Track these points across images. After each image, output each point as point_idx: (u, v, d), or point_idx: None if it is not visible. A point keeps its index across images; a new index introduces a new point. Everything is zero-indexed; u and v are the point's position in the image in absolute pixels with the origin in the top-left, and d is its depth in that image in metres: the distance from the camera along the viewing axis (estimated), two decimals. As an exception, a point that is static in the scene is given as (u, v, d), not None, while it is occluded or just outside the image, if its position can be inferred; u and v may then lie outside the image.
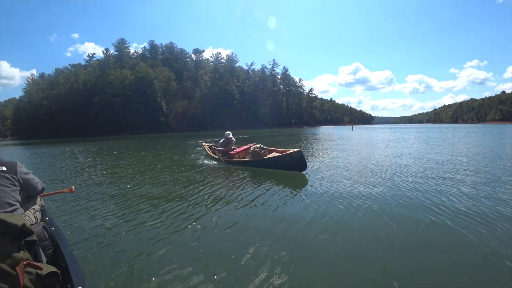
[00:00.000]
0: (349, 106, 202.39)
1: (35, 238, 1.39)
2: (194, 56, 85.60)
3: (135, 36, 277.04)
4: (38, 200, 2.25)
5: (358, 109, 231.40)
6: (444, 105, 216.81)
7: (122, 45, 76.21)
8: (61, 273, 1.39)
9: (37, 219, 2.06)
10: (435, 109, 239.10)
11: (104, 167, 8.87)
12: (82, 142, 31.06)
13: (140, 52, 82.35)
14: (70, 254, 1.68)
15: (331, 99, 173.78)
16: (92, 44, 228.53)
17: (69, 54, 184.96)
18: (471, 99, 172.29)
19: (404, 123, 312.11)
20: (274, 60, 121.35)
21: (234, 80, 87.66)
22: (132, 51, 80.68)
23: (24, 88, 72.34)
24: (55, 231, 1.99)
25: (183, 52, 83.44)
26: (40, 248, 1.70)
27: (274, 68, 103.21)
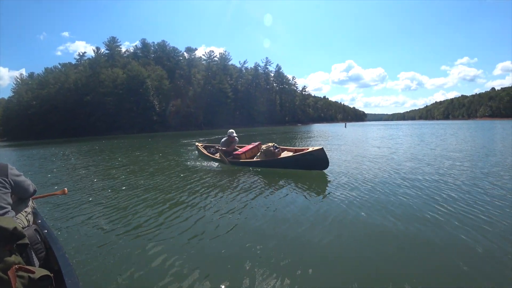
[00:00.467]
0: (342, 103, 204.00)
1: (27, 241, 1.37)
2: (186, 54, 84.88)
3: (127, 35, 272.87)
4: (30, 202, 2.21)
5: (351, 106, 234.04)
6: (436, 102, 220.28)
7: (113, 43, 75.13)
8: (54, 276, 1.37)
9: (29, 222, 2.03)
10: (426, 106, 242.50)
11: (97, 168, 8.77)
12: (75, 142, 30.64)
13: (131, 50, 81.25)
14: (63, 257, 1.66)
15: (325, 97, 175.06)
16: (83, 43, 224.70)
17: (59, 53, 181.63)
18: (462, 95, 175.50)
19: (397, 120, 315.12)
20: (267, 58, 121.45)
21: (227, 79, 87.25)
22: (123, 49, 79.59)
23: (13, 88, 70.77)
24: (47, 234, 1.97)
25: (175, 50, 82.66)
26: (32, 252, 1.68)
27: (267, 66, 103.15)
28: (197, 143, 10.89)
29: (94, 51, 73.68)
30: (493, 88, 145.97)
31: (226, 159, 7.63)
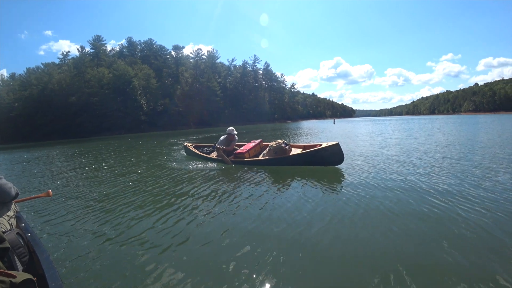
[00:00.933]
0: (331, 100, 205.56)
1: (7, 245, 1.34)
2: (174, 53, 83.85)
3: (113, 33, 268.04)
4: (13, 206, 2.17)
5: (340, 103, 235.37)
6: (422, 97, 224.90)
7: (98, 42, 73.34)
8: (37, 280, 1.34)
9: (11, 225, 1.99)
10: (413, 101, 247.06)
11: (84, 170, 8.58)
12: (61, 144, 29.98)
13: (117, 49, 79.76)
14: (47, 260, 1.63)
15: (313, 94, 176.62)
16: (67, 42, 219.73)
17: (42, 53, 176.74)
18: (447, 91, 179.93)
19: (385, 115, 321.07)
20: (255, 55, 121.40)
21: (215, 77, 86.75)
22: (109, 48, 78.06)
23: (-6, 90, 68.58)
24: (31, 238, 1.94)
25: (162, 49, 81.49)
26: (15, 256, 1.64)
27: (256, 64, 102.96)
28: (185, 143, 10.15)
29: (78, 50, 71.89)
30: (476, 84, 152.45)
31: (228, 158, 7.21)
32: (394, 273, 2.13)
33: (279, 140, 6.77)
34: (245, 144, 7.83)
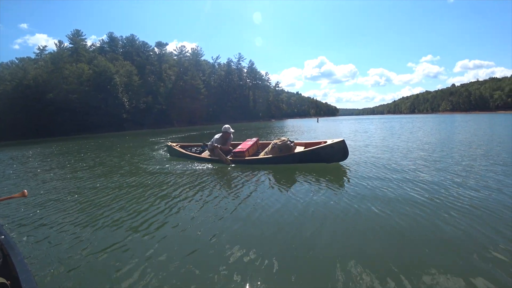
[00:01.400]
0: (315, 98, 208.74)
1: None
2: (157, 49, 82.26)
3: (93, 28, 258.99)
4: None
5: (324, 101, 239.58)
6: (403, 97, 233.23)
7: (77, 37, 70.70)
8: (11, 284, 1.28)
9: (-18, 228, 1.89)
10: (394, 100, 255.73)
11: (62, 170, 8.24)
12: (37, 143, 28.87)
13: (98, 45, 77.36)
14: (22, 262, 1.57)
15: (298, 92, 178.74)
16: (45, 36, 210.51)
17: (16, 47, 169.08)
18: (426, 91, 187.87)
19: (367, 114, 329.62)
20: (239, 53, 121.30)
21: (199, 75, 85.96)
22: (89, 43, 75.55)
23: (-36, 86, 65.01)
24: (4, 240, 1.88)
25: (145, 45, 79.78)
26: (-13, 259, 1.57)
27: (240, 62, 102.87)
28: (169, 143, 9.36)
29: (56, 44, 69.07)
30: (453, 85, 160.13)
31: (226, 158, 6.89)
32: (390, 274, 2.11)
33: (284, 138, 6.53)
34: (240, 143, 7.55)
